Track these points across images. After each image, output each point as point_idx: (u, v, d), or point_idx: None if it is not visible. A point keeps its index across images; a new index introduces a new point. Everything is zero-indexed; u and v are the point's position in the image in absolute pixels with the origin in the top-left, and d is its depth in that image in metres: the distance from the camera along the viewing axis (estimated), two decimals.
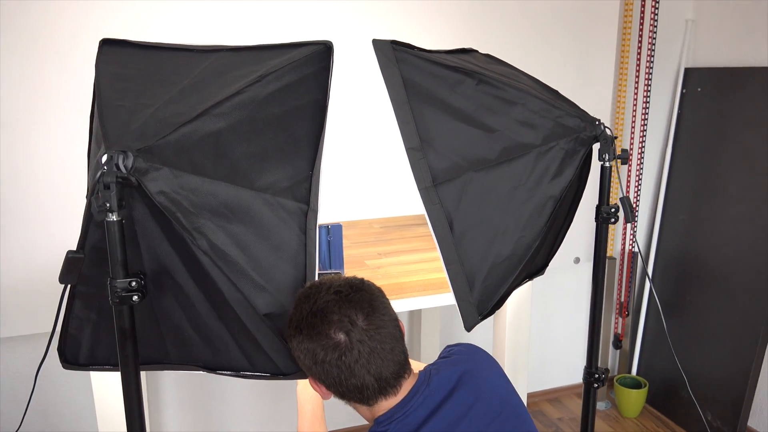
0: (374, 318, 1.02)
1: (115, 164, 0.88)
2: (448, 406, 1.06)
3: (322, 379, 1.04)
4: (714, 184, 2.55)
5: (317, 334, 1.01)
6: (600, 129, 1.35)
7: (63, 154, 1.93)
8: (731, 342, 2.45)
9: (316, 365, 1.02)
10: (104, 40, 1.21)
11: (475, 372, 1.13)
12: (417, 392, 1.07)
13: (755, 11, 2.43)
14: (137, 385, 0.98)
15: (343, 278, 1.09)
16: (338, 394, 1.07)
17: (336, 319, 1.01)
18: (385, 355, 1.03)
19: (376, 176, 2.28)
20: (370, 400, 1.05)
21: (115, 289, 0.91)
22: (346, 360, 1.00)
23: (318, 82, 1.20)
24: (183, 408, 2.38)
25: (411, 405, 1.06)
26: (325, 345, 1.00)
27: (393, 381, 1.05)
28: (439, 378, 1.10)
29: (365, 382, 1.02)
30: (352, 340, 1.00)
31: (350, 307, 1.02)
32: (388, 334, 1.04)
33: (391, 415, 1.05)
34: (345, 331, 1.00)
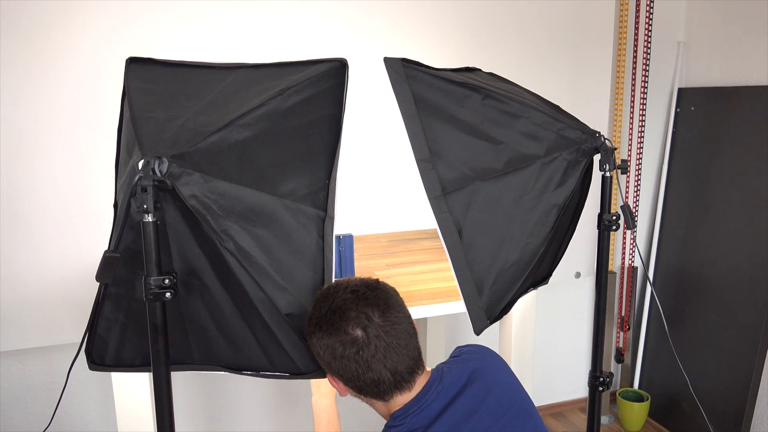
0: (389, 315, 1.08)
1: (151, 169, 0.94)
2: (461, 401, 1.11)
3: (340, 374, 1.09)
4: (709, 200, 2.62)
5: (336, 330, 1.06)
6: (600, 141, 1.42)
7: (81, 170, 1.99)
8: (731, 354, 2.50)
9: (335, 360, 1.07)
10: (131, 58, 1.28)
11: (485, 370, 1.18)
12: (431, 388, 1.12)
13: (744, 33, 2.53)
14: (167, 381, 1.02)
15: (359, 279, 1.15)
16: (355, 388, 1.11)
17: (353, 315, 1.06)
18: (400, 350, 1.08)
19: (382, 192, 2.35)
20: (386, 394, 1.10)
21: (150, 286, 0.97)
22: (363, 355, 1.05)
23: (334, 97, 1.27)
24: (192, 416, 2.41)
25: (425, 400, 1.10)
26: (344, 340, 1.05)
27: (408, 376, 1.10)
28: (451, 375, 1.15)
29: (381, 377, 1.07)
30: (369, 336, 1.05)
31: (367, 305, 1.07)
32: (403, 330, 1.09)
33: (407, 410, 1.10)
34: (362, 327, 1.06)
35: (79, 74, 1.96)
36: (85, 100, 1.97)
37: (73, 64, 1.95)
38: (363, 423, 2.62)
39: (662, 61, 2.81)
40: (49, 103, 1.94)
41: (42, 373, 2.17)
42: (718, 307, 2.56)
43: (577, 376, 3.03)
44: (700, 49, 2.74)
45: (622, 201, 1.41)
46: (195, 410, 2.40)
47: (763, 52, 2.46)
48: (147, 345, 1.14)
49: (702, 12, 2.71)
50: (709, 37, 2.69)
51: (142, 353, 1.19)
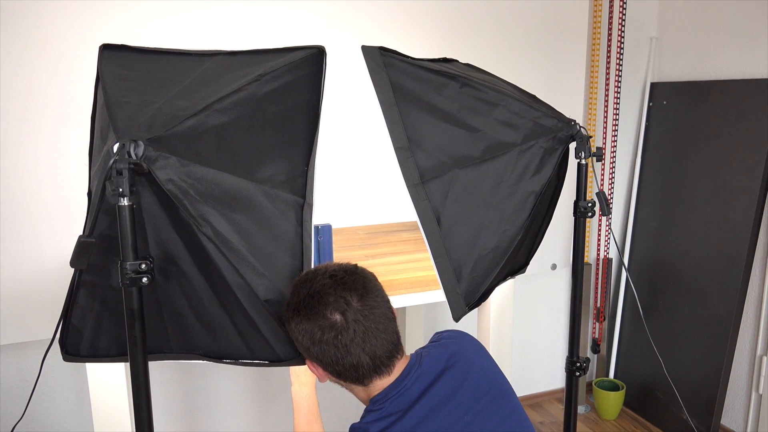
0: (368, 299, 1.08)
1: (126, 152, 0.93)
2: (440, 385, 1.12)
3: (319, 359, 1.09)
4: (681, 192, 2.68)
5: (315, 314, 1.06)
6: (576, 129, 1.44)
7: (55, 163, 1.95)
8: (703, 343, 2.55)
9: (314, 345, 1.07)
10: (105, 45, 1.26)
11: (464, 354, 1.19)
12: (410, 372, 1.13)
13: (715, 28, 2.59)
14: (145, 369, 1.01)
15: (338, 264, 1.15)
16: (335, 373, 1.11)
17: (332, 300, 1.06)
18: (379, 334, 1.08)
19: (360, 185, 2.35)
20: (365, 379, 1.10)
21: (126, 271, 0.95)
22: (342, 339, 1.05)
23: (312, 84, 1.26)
24: (170, 412, 2.38)
25: (404, 384, 1.11)
26: (322, 325, 1.06)
27: (387, 360, 1.10)
28: (430, 359, 1.16)
29: (360, 361, 1.07)
30: (348, 320, 1.05)
31: (345, 290, 1.07)
32: (382, 314, 1.10)
33: (386, 394, 1.11)
34: (341, 312, 1.06)
35: (52, 65, 1.92)
36: (58, 90, 1.94)
37: (45, 54, 1.91)
38: (341, 417, 2.62)
39: (635, 56, 2.85)
40: (21, 95, 1.90)
41: (14, 370, 2.13)
42: (690, 297, 2.61)
43: (553, 367, 3.07)
44: (672, 44, 2.79)
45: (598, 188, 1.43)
46: (173, 406, 2.37)
47: (733, 48, 2.52)
48: (123, 334, 1.13)
49: (674, 8, 2.77)
50: (681, 32, 2.74)
51: (118, 342, 1.17)
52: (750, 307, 2.48)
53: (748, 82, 2.43)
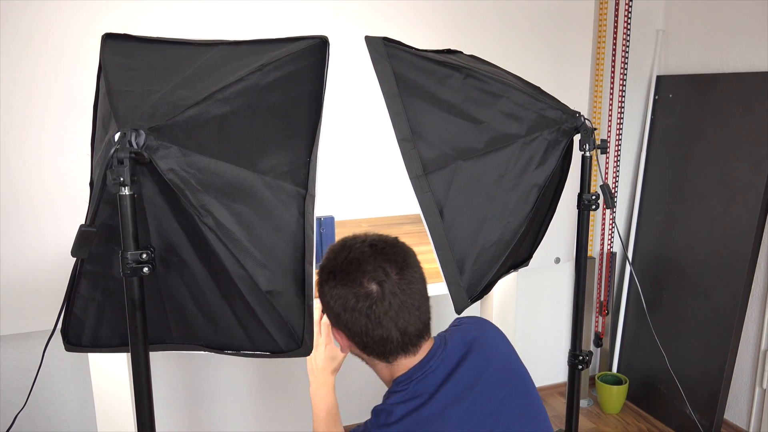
0: (406, 273, 1.05)
1: (128, 141, 0.92)
2: (463, 370, 1.09)
3: (348, 327, 1.06)
4: (686, 186, 2.66)
5: (351, 281, 1.03)
6: (580, 121, 1.43)
7: (57, 154, 1.95)
8: (707, 338, 2.54)
9: (345, 312, 1.04)
10: (107, 34, 1.26)
11: (484, 340, 1.16)
12: (435, 354, 1.09)
13: (722, 21, 2.56)
14: (146, 359, 1.01)
15: (377, 234, 1.12)
16: (360, 345, 1.08)
17: (370, 269, 1.03)
18: (413, 311, 1.05)
19: (364, 177, 2.34)
20: (390, 355, 1.07)
21: (126, 260, 0.95)
22: (376, 310, 1.02)
23: (315, 74, 1.25)
24: (173, 407, 2.39)
25: (429, 366, 1.08)
26: (357, 293, 1.03)
27: (415, 339, 1.07)
28: (453, 341, 1.13)
29: (390, 335, 1.04)
30: (384, 291, 1.02)
31: (385, 260, 1.04)
32: (417, 291, 1.06)
33: (411, 375, 1.07)
34: (378, 282, 1.02)
35: (55, 55, 1.92)
36: (60, 80, 1.93)
37: (48, 45, 1.91)
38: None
39: (641, 48, 2.83)
40: (24, 86, 1.90)
41: (16, 361, 2.13)
42: (694, 291, 2.60)
43: (556, 361, 3.06)
44: (679, 36, 2.77)
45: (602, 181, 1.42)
46: (175, 397, 2.38)
47: (740, 40, 2.49)
48: (125, 324, 1.12)
49: (680, 1, 2.74)
50: (688, 25, 2.72)
51: (119, 333, 1.17)
52: (754, 301, 2.47)
53: (755, 75, 2.41)
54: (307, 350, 1.19)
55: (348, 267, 1.04)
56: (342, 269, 1.05)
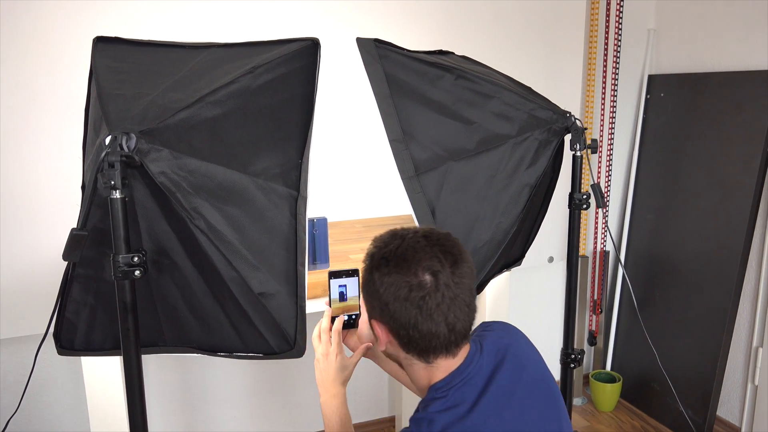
0: (460, 267, 1.00)
1: (118, 144, 0.93)
2: (500, 378, 1.04)
3: (394, 318, 0.99)
4: (678, 184, 2.67)
5: (406, 269, 0.97)
6: (571, 121, 1.44)
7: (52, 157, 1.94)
8: (699, 335, 2.56)
9: (395, 301, 0.97)
10: (98, 37, 1.26)
11: (517, 347, 1.12)
12: (472, 361, 1.04)
13: (713, 20, 2.58)
14: (138, 362, 1.01)
15: (428, 227, 1.07)
16: (404, 339, 1.00)
17: (426, 257, 0.98)
18: (463, 307, 0.99)
19: (357, 178, 2.34)
20: (433, 354, 1.01)
21: (118, 264, 0.95)
22: (429, 301, 0.96)
23: (306, 76, 1.26)
24: (168, 408, 2.38)
25: (468, 373, 1.02)
26: (411, 282, 0.97)
27: (461, 338, 1.01)
28: (488, 346, 1.08)
29: (438, 330, 0.98)
30: (439, 283, 0.96)
31: (440, 251, 0.99)
32: (468, 287, 1.01)
33: (449, 381, 1.02)
34: (432, 273, 0.97)
35: (51, 58, 1.91)
36: (57, 84, 1.92)
37: (44, 48, 1.90)
38: None
39: (633, 48, 2.84)
40: (19, 88, 1.89)
41: (13, 365, 2.13)
42: (687, 289, 2.62)
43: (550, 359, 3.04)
44: (670, 36, 2.78)
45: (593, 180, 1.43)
46: (171, 399, 2.38)
47: (731, 39, 2.51)
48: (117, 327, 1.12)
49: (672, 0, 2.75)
50: (679, 24, 2.73)
51: (112, 336, 1.18)
52: (746, 299, 2.49)
53: (746, 74, 2.42)
54: (299, 352, 1.20)
55: (403, 254, 0.98)
56: (397, 255, 0.98)
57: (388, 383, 2.69)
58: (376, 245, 1.03)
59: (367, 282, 1.02)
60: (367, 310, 1.06)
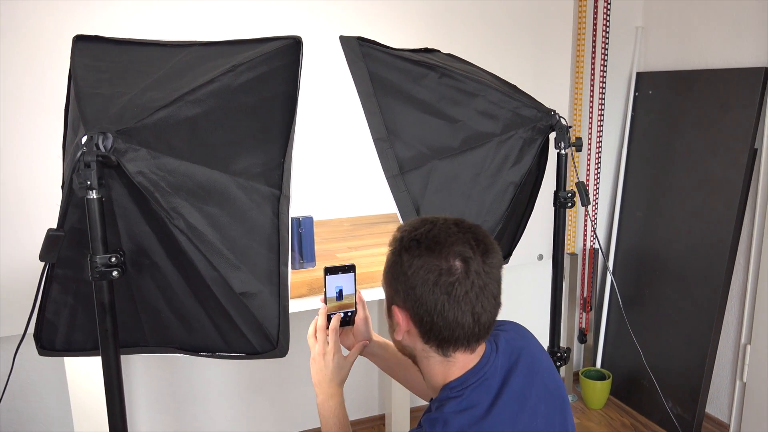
0: (490, 257, 0.97)
1: (95, 144, 0.92)
2: (514, 380, 1.01)
3: (419, 304, 0.95)
4: (667, 182, 2.68)
5: (438, 252, 0.94)
6: (555, 119, 1.44)
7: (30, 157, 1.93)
8: (688, 332, 2.56)
9: (423, 285, 0.94)
10: (78, 36, 1.25)
11: (530, 349, 1.10)
12: (488, 361, 1.01)
13: (701, 18, 2.58)
14: (117, 362, 1.01)
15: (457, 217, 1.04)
16: (426, 327, 0.97)
17: (459, 242, 0.95)
18: (491, 299, 0.97)
19: (346, 176, 2.34)
20: (453, 346, 0.98)
21: (95, 264, 0.94)
22: (458, 288, 0.93)
23: (289, 74, 1.25)
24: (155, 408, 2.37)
25: (484, 373, 1.00)
26: (441, 266, 0.94)
27: (484, 332, 0.98)
28: (502, 349, 1.06)
29: (464, 320, 0.95)
30: (469, 270, 0.93)
31: (472, 237, 0.96)
32: (497, 278, 0.98)
33: (465, 380, 0.99)
34: (463, 259, 0.94)
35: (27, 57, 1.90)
36: (34, 82, 1.91)
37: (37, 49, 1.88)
38: None
39: (621, 45, 2.85)
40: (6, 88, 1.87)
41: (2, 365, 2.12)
42: (675, 286, 2.62)
43: None
44: (658, 33, 2.79)
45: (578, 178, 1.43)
46: (159, 398, 2.37)
47: (719, 37, 2.52)
48: None
49: None
50: (667, 22, 2.74)
51: (92, 336, 1.17)
52: (734, 296, 2.50)
53: (733, 71, 2.43)
54: (282, 351, 1.19)
55: (436, 237, 0.95)
56: (429, 238, 0.95)
57: (379, 381, 2.69)
58: (405, 229, 1.00)
59: (393, 264, 0.99)
60: (388, 296, 1.02)
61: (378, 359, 1.35)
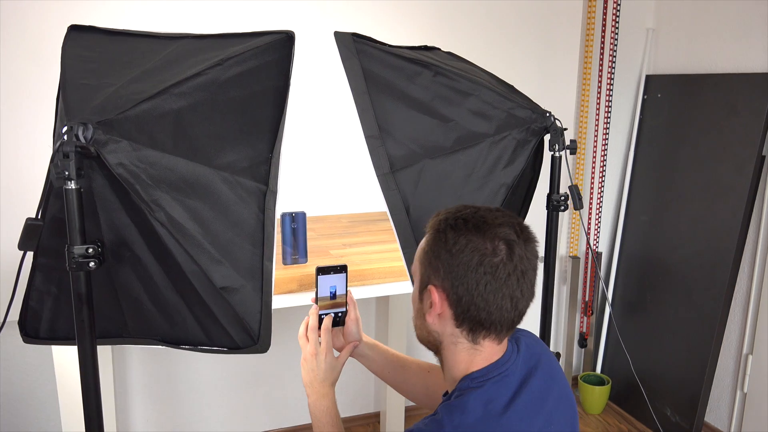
0: (531, 244, 0.97)
1: (74, 134, 0.92)
2: (532, 383, 1.01)
3: (461, 282, 0.93)
4: (673, 187, 2.64)
5: (484, 231, 0.93)
6: (550, 120, 1.42)
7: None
8: (689, 340, 2.53)
9: (467, 264, 0.93)
10: (72, 26, 1.25)
11: (548, 358, 1.09)
12: (510, 358, 1.01)
13: (712, 21, 2.54)
14: (93, 353, 1.01)
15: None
16: (462, 308, 0.95)
17: (505, 224, 0.95)
18: (529, 286, 0.97)
19: (345, 172, 2.33)
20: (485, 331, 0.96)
21: (73, 255, 0.95)
22: (501, 270, 0.92)
23: (279, 69, 1.24)
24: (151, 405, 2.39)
25: (506, 369, 0.99)
26: (486, 246, 0.93)
27: (517, 319, 0.98)
28: (523, 350, 1.06)
29: (503, 304, 0.94)
30: (513, 253, 0.93)
31: (516, 223, 0.96)
32: (535, 267, 0.98)
33: (486, 373, 0.98)
34: (507, 242, 0.93)
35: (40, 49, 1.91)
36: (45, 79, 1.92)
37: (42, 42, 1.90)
38: None
39: (631, 47, 2.81)
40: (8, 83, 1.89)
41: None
42: (678, 293, 2.59)
43: None
44: (669, 36, 2.74)
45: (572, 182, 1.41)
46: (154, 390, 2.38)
47: (729, 41, 2.47)
48: None
49: None
50: (678, 24, 2.70)
51: None
52: (737, 305, 2.46)
53: (742, 77, 2.38)
54: (263, 347, 1.19)
55: (483, 217, 0.95)
56: (476, 217, 0.95)
57: (374, 379, 2.68)
58: (449, 211, 0.99)
59: (435, 242, 0.97)
60: (423, 276, 1.00)
61: (367, 360, 1.35)
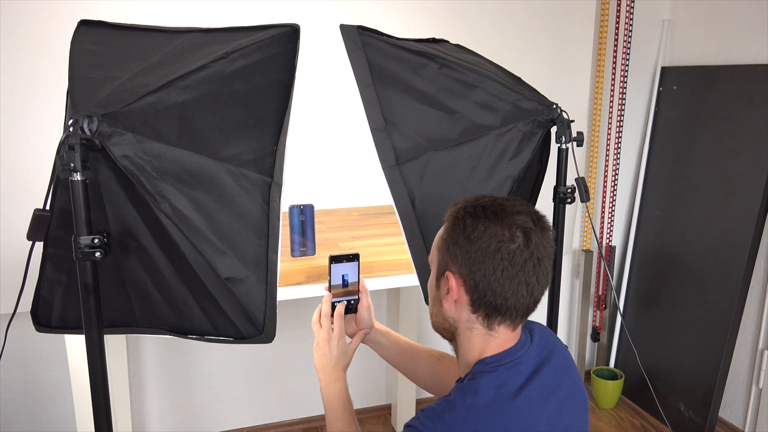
0: (547, 233, 0.99)
1: (80, 127, 0.94)
2: (545, 372, 1.02)
3: (479, 267, 0.96)
4: (689, 180, 2.61)
5: (503, 218, 0.96)
6: (557, 113, 1.41)
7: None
8: (704, 335, 2.50)
9: (485, 250, 0.95)
10: (82, 21, 1.27)
11: (562, 350, 1.10)
12: (524, 345, 1.03)
13: (728, 11, 2.49)
14: (100, 341, 1.03)
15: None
16: (479, 294, 0.97)
17: (523, 213, 0.97)
18: (545, 274, 0.98)
19: (355, 165, 2.34)
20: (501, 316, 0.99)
21: (79, 245, 0.97)
22: (519, 256, 0.95)
23: (285, 62, 1.25)
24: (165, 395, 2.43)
25: (519, 355, 1.01)
26: (504, 233, 0.95)
27: (532, 306, 1.00)
28: (536, 340, 1.07)
29: (519, 291, 0.96)
30: (530, 241, 0.95)
31: (532, 211, 0.99)
32: (551, 256, 0.99)
33: (500, 359, 1.00)
34: (524, 230, 0.95)
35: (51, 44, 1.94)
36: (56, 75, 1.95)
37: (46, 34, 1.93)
38: None
39: (647, 38, 2.77)
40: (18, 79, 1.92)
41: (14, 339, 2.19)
42: (693, 288, 2.56)
43: None
44: (685, 27, 2.70)
45: (577, 174, 1.40)
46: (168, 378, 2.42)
47: (746, 32, 2.42)
48: None
49: None
50: (694, 15, 2.65)
51: None
52: (753, 299, 2.42)
53: (759, 68, 2.34)
54: (268, 337, 1.20)
55: (502, 205, 0.97)
56: (495, 205, 0.97)
57: (385, 371, 2.70)
58: (468, 200, 1.02)
59: (454, 228, 0.99)
60: (441, 263, 1.02)
61: (379, 347, 1.39)
